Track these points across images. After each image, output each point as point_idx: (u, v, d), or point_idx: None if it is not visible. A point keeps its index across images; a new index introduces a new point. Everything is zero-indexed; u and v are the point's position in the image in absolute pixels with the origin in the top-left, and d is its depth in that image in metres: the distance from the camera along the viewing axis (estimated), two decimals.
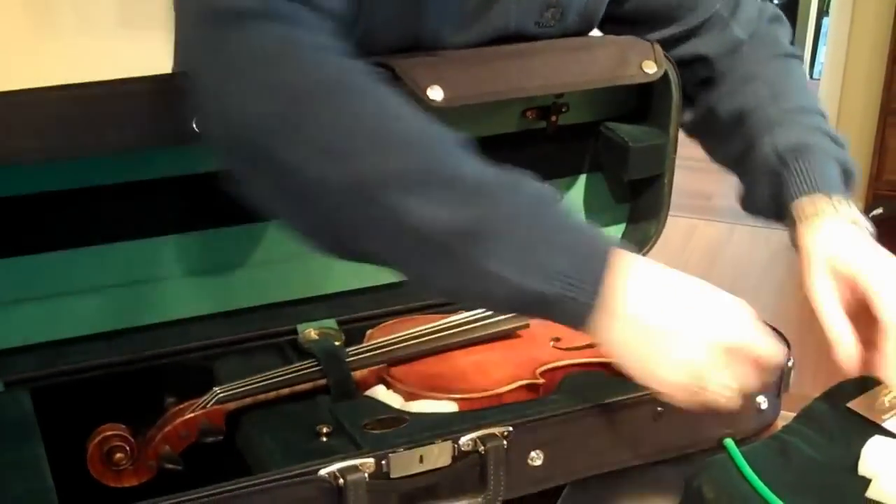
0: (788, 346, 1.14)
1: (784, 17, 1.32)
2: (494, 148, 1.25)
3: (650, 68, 1.23)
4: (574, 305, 0.84)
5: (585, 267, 0.85)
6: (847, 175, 1.15)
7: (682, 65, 1.27)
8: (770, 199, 1.16)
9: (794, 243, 1.12)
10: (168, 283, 1.15)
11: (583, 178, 1.38)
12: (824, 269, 1.06)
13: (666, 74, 1.25)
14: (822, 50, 5.70)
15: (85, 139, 1.00)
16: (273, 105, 0.83)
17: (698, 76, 1.28)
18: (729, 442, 1.04)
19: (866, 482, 0.97)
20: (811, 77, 6.05)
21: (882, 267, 1.03)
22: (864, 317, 1.04)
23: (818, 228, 1.08)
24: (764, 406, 1.09)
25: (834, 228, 1.07)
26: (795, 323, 3.63)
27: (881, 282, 1.02)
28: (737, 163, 1.23)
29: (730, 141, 1.24)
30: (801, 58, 1.30)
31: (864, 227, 1.09)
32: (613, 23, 1.27)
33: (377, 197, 0.82)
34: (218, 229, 1.17)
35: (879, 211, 3.59)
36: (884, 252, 1.06)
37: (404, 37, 1.13)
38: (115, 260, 1.12)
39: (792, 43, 1.31)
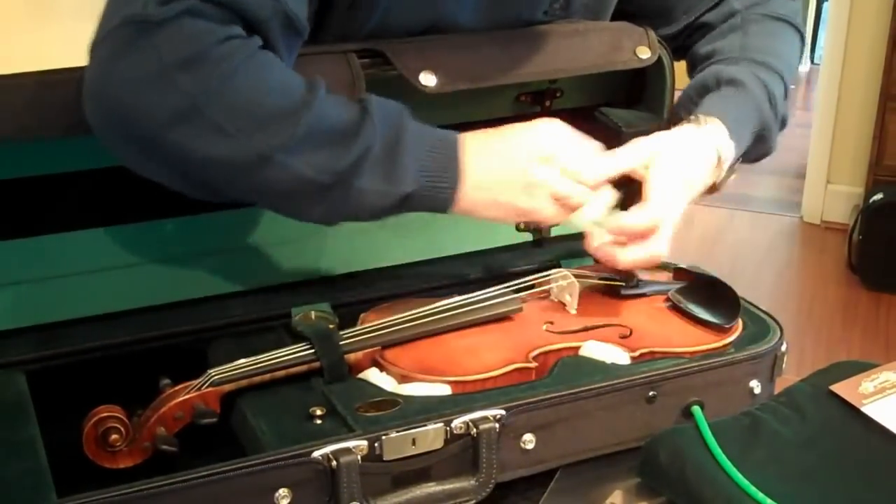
0: (782, 330, 1.14)
1: None
2: None
3: (644, 53, 1.23)
4: (439, 193, 1.00)
5: (441, 161, 1.01)
6: (762, 140, 1.22)
7: (685, 33, 1.32)
8: (684, 104, 1.24)
9: None
10: (163, 267, 1.16)
11: None
12: (637, 149, 1.12)
13: (660, 59, 1.25)
14: (822, 35, 5.69)
15: (81, 121, 1.00)
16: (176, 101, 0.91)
17: (694, 39, 1.33)
18: (696, 409, 1.05)
19: (830, 459, 0.98)
20: (812, 62, 6.05)
21: (672, 169, 1.11)
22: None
23: (684, 131, 1.15)
24: (757, 391, 1.10)
25: (691, 137, 1.14)
26: (793, 309, 3.66)
27: (663, 175, 1.11)
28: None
29: (692, 75, 1.29)
30: (794, 25, 1.32)
31: (717, 157, 1.14)
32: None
33: (270, 161, 0.93)
34: (213, 213, 1.18)
35: (879, 196, 3.59)
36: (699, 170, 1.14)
37: (421, 23, 1.14)
38: (112, 243, 1.13)
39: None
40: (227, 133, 0.91)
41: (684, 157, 1.12)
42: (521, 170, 1.04)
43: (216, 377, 1.01)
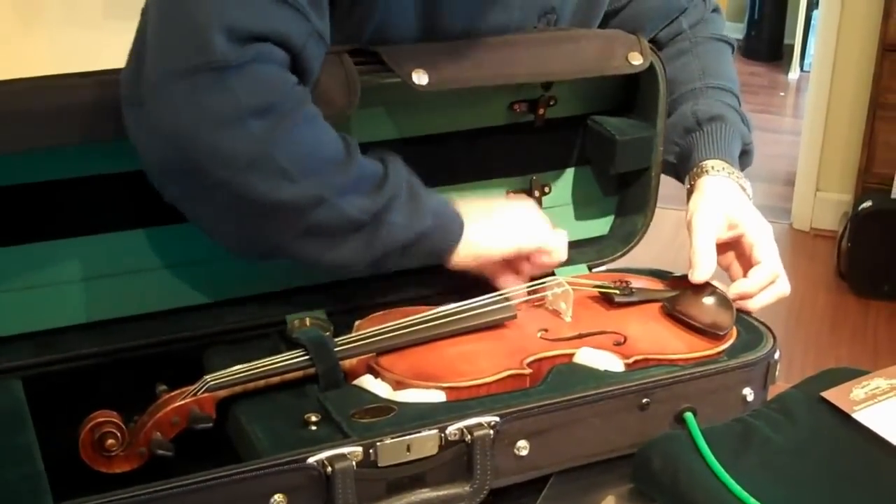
0: (775, 338, 1.14)
1: (721, 9, 1.48)
2: (483, 141, 1.27)
3: (636, 60, 1.24)
4: (451, 225, 1.14)
5: (445, 204, 1.14)
6: (746, 153, 1.37)
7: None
8: (677, 155, 1.35)
9: (689, 194, 1.30)
10: (159, 274, 1.16)
11: (571, 171, 1.38)
12: (713, 210, 1.24)
13: (652, 67, 1.26)
14: (812, 43, 5.71)
15: (71, 129, 1.01)
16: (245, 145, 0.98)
17: None
18: (689, 416, 1.05)
19: (822, 466, 0.99)
20: (802, 70, 6.07)
21: (759, 222, 1.26)
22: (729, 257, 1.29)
23: (717, 182, 1.27)
24: (750, 398, 1.10)
25: (728, 185, 1.28)
26: (782, 315, 3.67)
27: (759, 231, 1.25)
28: None
29: None
30: (733, 44, 1.46)
31: (748, 195, 1.29)
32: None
33: (325, 203, 1.02)
34: None
35: (868, 203, 3.60)
36: (759, 213, 1.27)
37: (418, 29, 1.15)
38: (108, 250, 1.13)
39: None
40: (292, 178, 0.99)
41: (744, 205, 1.27)
42: (507, 240, 1.18)
43: (212, 383, 1.01)
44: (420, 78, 1.12)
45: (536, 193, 1.35)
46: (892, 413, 1.05)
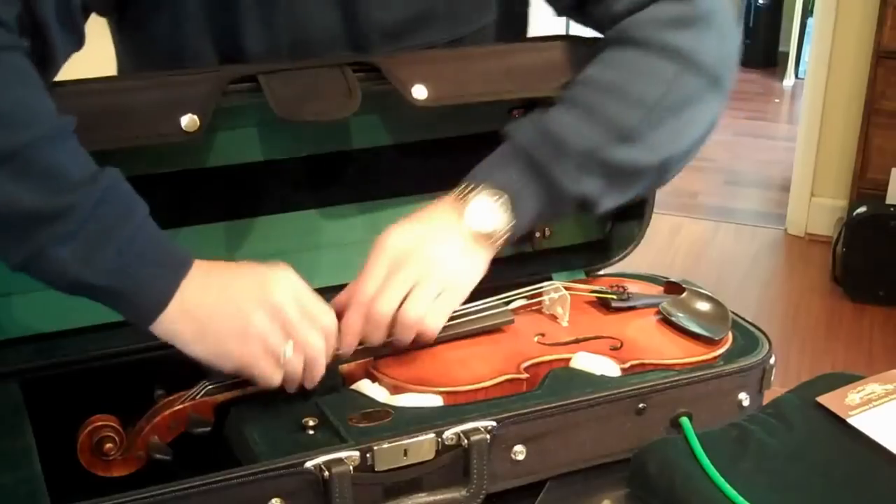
0: (771, 344, 1.15)
1: (686, 19, 1.16)
2: (483, 145, 1.27)
3: None
4: (135, 302, 0.94)
5: (151, 271, 0.94)
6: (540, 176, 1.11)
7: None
8: None
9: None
10: None
11: None
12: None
13: None
14: (806, 50, 5.73)
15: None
16: None
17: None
18: (685, 420, 1.05)
19: (817, 470, 0.99)
20: (797, 77, 6.08)
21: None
22: None
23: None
24: (746, 403, 1.11)
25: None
26: (777, 320, 3.68)
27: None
28: None
29: None
30: (670, 53, 1.14)
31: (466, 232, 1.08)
32: None
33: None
34: (205, 225, 1.19)
35: (863, 209, 3.61)
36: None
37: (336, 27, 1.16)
38: None
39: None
40: None
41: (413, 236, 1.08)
42: (239, 312, 0.97)
43: (210, 387, 1.01)
44: (419, 92, 1.13)
45: None
46: (888, 418, 1.05)
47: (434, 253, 1.06)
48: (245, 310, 0.97)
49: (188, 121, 1.05)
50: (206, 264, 0.98)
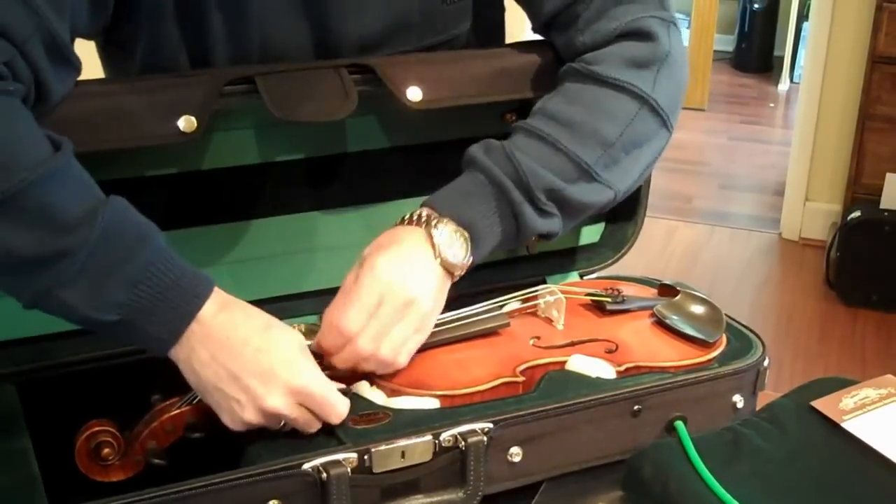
0: (764, 346, 1.15)
1: (647, 59, 1.16)
2: None
3: None
4: (149, 332, 0.94)
5: (161, 298, 0.94)
6: (513, 208, 1.10)
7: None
8: None
9: None
10: None
11: None
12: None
13: None
14: (801, 54, 5.74)
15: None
16: None
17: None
18: (679, 424, 1.06)
19: (811, 475, 0.99)
20: (791, 81, 6.09)
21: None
22: None
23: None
24: (740, 405, 1.11)
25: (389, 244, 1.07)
26: (771, 324, 3.68)
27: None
28: None
29: None
30: (630, 93, 1.15)
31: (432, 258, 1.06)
32: None
33: None
34: (202, 227, 1.19)
35: (857, 213, 3.62)
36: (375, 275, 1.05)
37: (307, 37, 1.16)
38: None
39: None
40: None
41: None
42: (257, 373, 0.96)
43: None
44: (414, 94, 1.14)
45: None
46: (882, 423, 1.05)
47: (416, 291, 1.05)
48: (261, 376, 0.96)
49: (185, 122, 1.05)
50: (224, 297, 0.99)
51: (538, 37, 1.27)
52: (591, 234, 1.41)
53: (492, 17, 1.37)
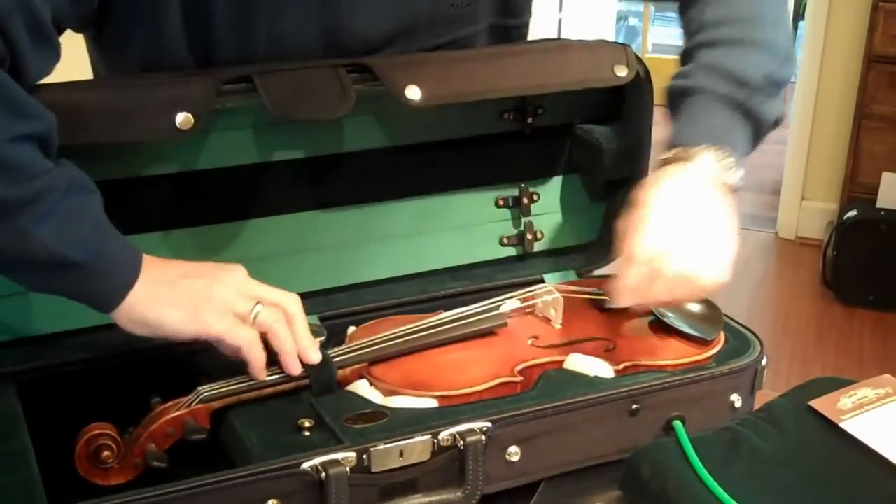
0: (762, 345, 1.16)
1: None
2: (473, 149, 1.28)
3: (621, 72, 1.25)
4: (107, 279, 0.97)
5: (117, 247, 0.99)
6: (748, 114, 1.18)
7: None
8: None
9: None
10: None
11: (559, 179, 1.39)
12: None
13: (637, 77, 1.27)
14: (798, 53, 5.74)
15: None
16: None
17: None
18: (678, 424, 1.06)
19: (809, 475, 1.00)
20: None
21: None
22: None
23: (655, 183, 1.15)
24: (738, 404, 1.12)
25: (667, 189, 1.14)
26: (768, 323, 3.68)
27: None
28: None
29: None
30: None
31: (711, 182, 1.14)
32: None
33: None
34: (202, 227, 1.19)
35: (853, 212, 3.62)
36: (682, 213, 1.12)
37: (319, 33, 1.16)
38: None
39: None
40: None
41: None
42: (205, 283, 1.02)
43: (206, 394, 1.01)
44: (413, 93, 1.14)
45: (525, 201, 1.36)
46: (880, 423, 1.06)
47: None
48: (211, 278, 1.02)
49: (183, 118, 1.05)
50: (157, 270, 1.02)
51: (538, 37, 1.28)
52: (588, 232, 1.41)
53: (509, 24, 1.36)
